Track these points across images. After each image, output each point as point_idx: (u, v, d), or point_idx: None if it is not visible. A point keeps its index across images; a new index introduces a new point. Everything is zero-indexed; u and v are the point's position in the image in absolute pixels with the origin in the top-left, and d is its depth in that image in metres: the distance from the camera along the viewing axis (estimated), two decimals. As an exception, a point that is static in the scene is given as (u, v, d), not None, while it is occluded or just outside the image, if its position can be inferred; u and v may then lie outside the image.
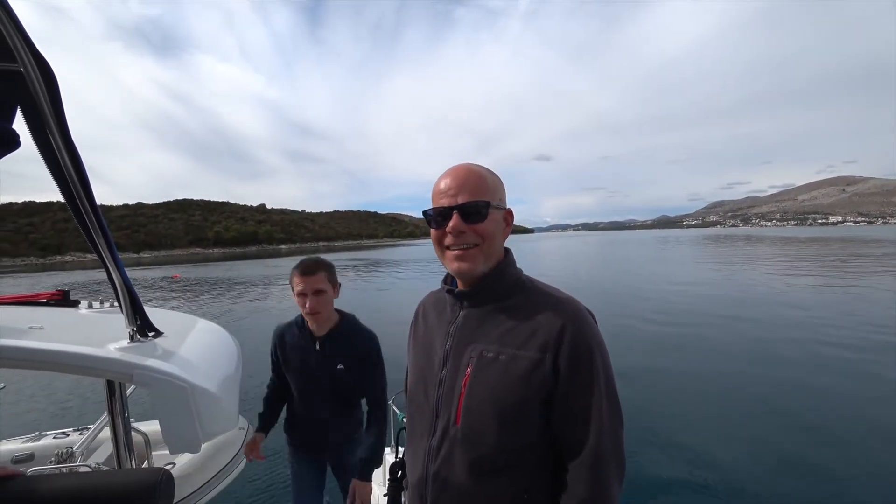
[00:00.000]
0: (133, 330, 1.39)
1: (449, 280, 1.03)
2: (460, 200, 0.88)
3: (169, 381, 1.16)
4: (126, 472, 1.21)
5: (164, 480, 1.09)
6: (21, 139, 0.93)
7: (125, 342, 1.35)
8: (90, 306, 1.91)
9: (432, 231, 0.94)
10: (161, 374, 1.17)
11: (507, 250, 0.99)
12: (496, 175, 0.95)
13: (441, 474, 0.89)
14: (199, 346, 1.57)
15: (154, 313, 1.61)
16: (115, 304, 1.89)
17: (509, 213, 0.96)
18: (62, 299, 1.95)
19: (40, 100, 0.90)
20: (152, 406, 1.15)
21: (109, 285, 1.37)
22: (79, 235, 1.14)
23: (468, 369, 0.88)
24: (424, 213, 0.96)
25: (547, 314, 0.86)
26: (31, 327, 1.39)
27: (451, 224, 0.88)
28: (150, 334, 1.46)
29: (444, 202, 0.90)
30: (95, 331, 1.57)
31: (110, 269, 1.28)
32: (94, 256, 1.23)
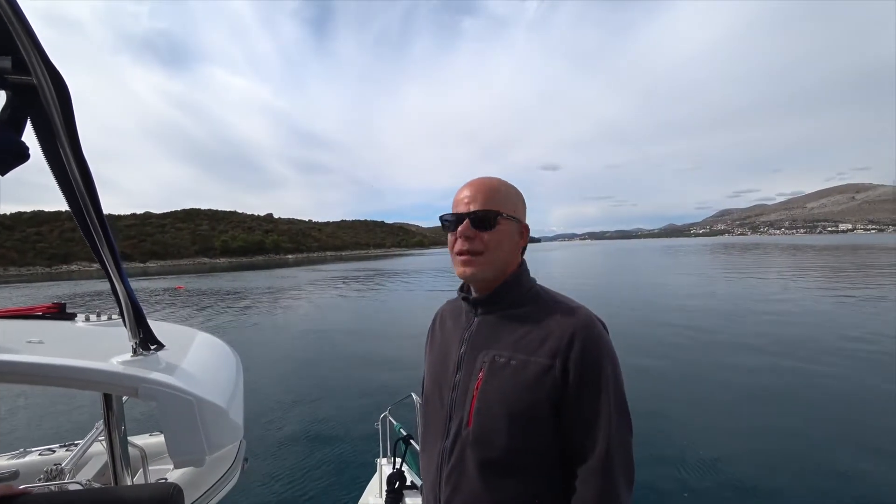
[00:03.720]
0: (136, 343, 1.37)
1: (466, 288, 1.07)
2: (473, 208, 0.94)
3: (174, 395, 1.14)
4: (138, 488, 1.18)
5: (175, 494, 1.07)
6: (30, 151, 0.93)
7: (128, 356, 1.33)
8: (87, 319, 1.89)
9: (448, 236, 1.00)
10: (167, 388, 1.15)
11: (522, 261, 1.03)
12: (516, 190, 1.01)
13: (453, 476, 0.91)
14: (201, 358, 1.55)
15: (153, 326, 1.60)
16: (112, 317, 1.86)
17: (525, 228, 1.01)
18: (58, 312, 1.92)
19: (52, 113, 0.90)
20: (158, 420, 1.13)
21: (112, 297, 1.36)
22: (85, 245, 1.14)
23: (480, 373, 0.91)
24: (441, 217, 1.01)
25: (558, 321, 0.89)
26: (29, 341, 1.37)
27: (460, 228, 0.94)
28: (153, 347, 1.45)
29: (460, 209, 0.96)
30: (95, 344, 1.55)
31: (115, 281, 1.27)
32: (100, 266, 1.22)
